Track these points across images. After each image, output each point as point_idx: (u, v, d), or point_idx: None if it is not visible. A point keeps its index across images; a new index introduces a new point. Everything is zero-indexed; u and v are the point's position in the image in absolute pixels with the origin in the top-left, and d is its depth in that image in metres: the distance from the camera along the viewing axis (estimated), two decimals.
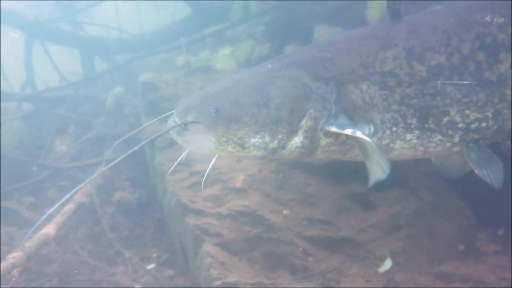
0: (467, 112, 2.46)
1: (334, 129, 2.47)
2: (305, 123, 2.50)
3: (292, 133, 2.50)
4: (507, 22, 2.44)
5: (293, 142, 2.53)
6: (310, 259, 3.28)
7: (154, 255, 4.34)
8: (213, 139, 2.45)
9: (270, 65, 2.66)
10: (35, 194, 5.57)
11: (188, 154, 4.11)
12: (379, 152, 2.34)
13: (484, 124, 2.49)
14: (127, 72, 8.20)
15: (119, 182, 5.31)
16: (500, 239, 3.45)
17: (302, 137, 2.52)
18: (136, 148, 2.24)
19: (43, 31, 8.30)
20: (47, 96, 7.56)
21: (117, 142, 2.63)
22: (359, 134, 2.36)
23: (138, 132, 5.28)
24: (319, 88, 2.53)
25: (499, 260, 3.24)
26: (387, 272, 3.15)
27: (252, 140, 2.46)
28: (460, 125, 2.49)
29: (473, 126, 2.49)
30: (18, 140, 6.77)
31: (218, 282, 3.08)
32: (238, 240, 3.38)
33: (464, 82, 2.43)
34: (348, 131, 2.40)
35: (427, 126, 2.50)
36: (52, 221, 4.42)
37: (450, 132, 2.51)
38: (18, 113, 7.58)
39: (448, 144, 2.55)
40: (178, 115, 2.50)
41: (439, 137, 2.52)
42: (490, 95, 2.43)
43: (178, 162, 2.79)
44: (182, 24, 8.35)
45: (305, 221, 3.47)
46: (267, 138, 2.47)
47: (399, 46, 2.51)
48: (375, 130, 2.53)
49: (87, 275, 4.11)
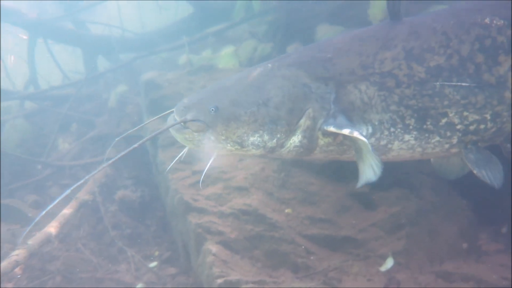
0: (465, 113, 2.45)
1: (332, 128, 2.47)
2: (303, 122, 2.51)
3: (291, 132, 2.51)
4: (507, 24, 2.44)
5: (291, 141, 2.54)
6: (312, 257, 3.29)
7: (156, 253, 4.36)
8: (212, 137, 2.46)
9: (270, 64, 2.67)
10: (38, 192, 5.60)
11: (191, 153, 4.15)
12: (374, 153, 2.34)
13: (482, 126, 2.48)
14: (130, 71, 8.21)
15: (121, 180, 5.33)
16: (502, 238, 3.45)
17: (300, 136, 2.53)
18: (136, 145, 2.25)
19: (46, 30, 8.33)
20: (49, 95, 7.58)
21: (117, 139, 2.63)
22: (356, 134, 2.36)
23: (140, 130, 5.31)
24: (319, 88, 2.54)
25: (500, 259, 3.24)
26: (388, 271, 3.16)
27: (251, 138, 2.48)
28: (458, 126, 2.49)
29: (471, 127, 2.49)
30: (20, 138, 6.80)
31: (220, 280, 3.09)
32: (240, 238, 3.39)
33: (463, 84, 2.42)
34: (345, 131, 2.40)
35: (425, 127, 2.49)
36: (55, 219, 4.45)
37: (449, 133, 2.51)
38: (20, 111, 7.61)
39: (446, 146, 2.55)
40: (178, 113, 2.51)
41: (437, 138, 2.52)
42: (489, 97, 2.43)
43: (177, 160, 2.81)
44: (184, 23, 8.36)
45: (307, 220, 3.48)
46: (266, 137, 2.48)
47: (399, 47, 2.51)
48: (373, 130, 2.53)
49: (90, 272, 4.13)
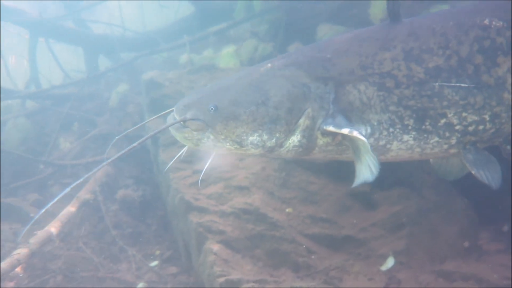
0: (464, 114, 2.46)
1: (331, 128, 2.47)
2: (303, 122, 2.51)
3: (290, 132, 2.51)
4: (506, 26, 2.44)
5: (290, 141, 2.54)
6: (313, 257, 3.29)
7: (157, 253, 4.37)
8: (211, 136, 2.47)
9: (270, 64, 2.67)
10: (39, 191, 5.61)
11: (192, 153, 4.15)
12: (373, 153, 2.34)
13: (481, 127, 2.49)
14: (131, 70, 8.22)
15: (122, 179, 5.34)
16: (502, 237, 3.45)
17: (299, 136, 2.53)
18: (136, 144, 2.25)
19: (48, 29, 8.34)
20: (51, 94, 7.58)
21: (117, 137, 2.63)
22: (355, 133, 2.36)
23: (142, 129, 5.32)
24: (318, 88, 2.54)
25: (500, 259, 3.24)
26: (389, 270, 3.16)
27: (250, 138, 2.48)
28: (457, 127, 2.49)
29: (470, 128, 2.49)
30: (22, 137, 6.80)
31: (221, 279, 3.10)
32: (241, 237, 3.40)
33: (462, 85, 2.43)
34: (345, 131, 2.40)
35: (424, 127, 2.50)
36: (56, 218, 4.46)
37: (447, 134, 2.51)
38: (22, 110, 7.61)
39: (445, 146, 2.55)
40: (177, 112, 2.51)
41: (436, 138, 2.52)
42: (487, 98, 2.43)
43: (177, 159, 2.81)
44: (185, 23, 8.37)
45: (308, 219, 3.49)
46: (265, 137, 2.48)
47: (398, 47, 2.51)
48: (372, 131, 2.54)
49: (91, 271, 4.14)
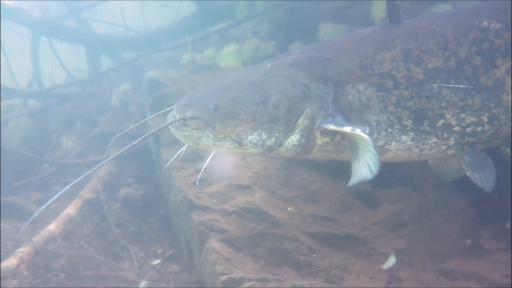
0: (462, 115, 2.47)
1: (332, 127, 2.48)
2: (302, 122, 2.53)
3: (289, 131, 2.53)
4: (504, 28, 2.45)
5: (289, 141, 2.56)
6: (315, 255, 3.30)
7: (159, 251, 4.38)
8: (211, 135, 2.49)
9: (269, 64, 2.68)
10: (42, 190, 5.63)
11: (194, 151, 4.16)
12: (375, 151, 2.35)
13: (479, 128, 2.50)
14: (133, 69, 8.21)
15: (124, 178, 5.36)
16: (503, 236, 3.46)
17: (298, 135, 2.55)
18: (136, 142, 2.26)
19: (50, 28, 8.34)
20: (53, 93, 7.59)
21: (118, 135, 2.65)
22: (358, 131, 2.37)
23: (143, 128, 5.34)
24: (317, 88, 2.55)
25: (501, 257, 3.26)
26: (390, 269, 3.17)
27: (250, 137, 2.49)
28: (455, 128, 2.50)
29: (468, 129, 2.50)
30: (24, 136, 6.82)
31: (223, 278, 3.11)
32: (243, 236, 3.41)
33: (461, 86, 2.44)
34: (347, 129, 2.41)
35: (422, 128, 2.51)
36: (58, 217, 4.48)
37: (445, 135, 2.52)
38: (24, 110, 7.63)
39: (443, 147, 2.57)
40: (177, 110, 2.54)
41: (434, 139, 2.53)
42: (486, 99, 2.44)
43: (176, 157, 2.84)
44: (187, 22, 8.37)
45: (309, 218, 3.50)
46: (264, 136, 2.50)
47: (398, 48, 2.52)
48: (371, 131, 2.55)
49: (93, 270, 4.15)
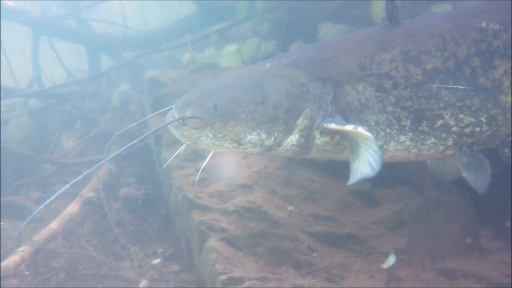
0: (461, 116, 2.48)
1: (333, 126, 2.48)
2: (301, 122, 2.53)
3: (288, 131, 2.53)
4: (502, 29, 2.46)
5: (288, 140, 2.56)
6: (315, 254, 3.31)
7: (160, 250, 4.38)
8: (210, 135, 2.49)
9: (269, 63, 2.69)
10: (42, 189, 5.63)
11: (195, 151, 4.17)
12: (378, 149, 2.34)
13: (477, 129, 2.50)
14: (133, 69, 8.22)
15: (125, 178, 5.36)
16: (503, 236, 3.47)
17: (297, 135, 2.55)
18: (135, 141, 2.26)
19: (51, 28, 8.35)
20: (53, 93, 7.60)
21: (117, 134, 2.64)
22: (360, 129, 2.37)
23: (143, 128, 5.34)
24: (317, 88, 2.55)
25: (501, 257, 3.26)
26: (390, 268, 3.18)
27: (249, 137, 2.50)
28: (453, 128, 2.51)
29: (466, 130, 2.51)
30: (25, 136, 6.82)
31: (223, 277, 3.11)
32: (243, 235, 3.41)
33: (459, 87, 2.45)
34: (348, 127, 2.41)
35: (420, 128, 2.51)
36: (59, 216, 4.49)
37: (444, 135, 2.52)
38: (25, 109, 7.63)
39: (442, 147, 2.57)
40: (177, 110, 2.53)
41: (433, 140, 2.54)
42: (484, 100, 2.45)
43: (175, 156, 2.84)
44: (187, 22, 8.38)
45: (309, 217, 3.50)
46: (263, 136, 2.50)
47: (396, 49, 2.53)
48: (370, 131, 2.52)
49: (94, 269, 4.16)
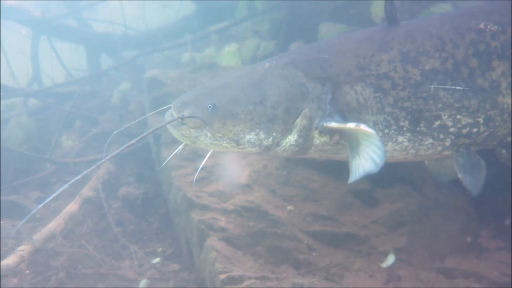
0: (458, 117, 2.48)
1: (333, 124, 2.47)
2: (299, 122, 2.53)
3: (287, 131, 2.53)
4: (500, 30, 2.47)
5: (287, 141, 2.56)
6: (314, 254, 3.31)
7: (159, 250, 4.39)
8: (208, 134, 2.49)
9: (268, 63, 2.68)
10: (42, 188, 5.63)
11: (194, 150, 4.17)
12: (381, 144, 2.33)
13: (475, 130, 2.51)
14: (133, 68, 8.23)
15: (124, 177, 5.36)
16: (502, 235, 3.47)
17: (296, 135, 2.55)
18: (134, 141, 2.27)
19: (50, 27, 8.35)
20: (53, 92, 7.60)
21: (115, 132, 2.64)
22: (363, 126, 2.36)
23: (143, 127, 5.34)
24: (315, 88, 2.55)
25: (501, 256, 3.27)
26: (390, 268, 3.18)
27: (247, 136, 2.50)
28: (451, 129, 2.51)
29: (464, 131, 2.51)
30: (25, 135, 6.81)
31: (223, 276, 3.11)
32: (243, 235, 3.42)
33: (457, 88, 2.45)
34: (351, 125, 2.40)
35: (418, 129, 2.52)
36: (59, 215, 4.49)
37: (441, 136, 2.53)
38: (24, 109, 7.63)
39: (439, 148, 2.58)
40: (175, 109, 2.53)
41: (430, 140, 2.55)
42: (482, 101, 2.46)
43: (174, 155, 2.84)
44: (187, 21, 8.38)
45: (309, 216, 3.51)
46: (262, 136, 2.50)
47: (395, 49, 2.53)
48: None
49: (93, 268, 4.15)
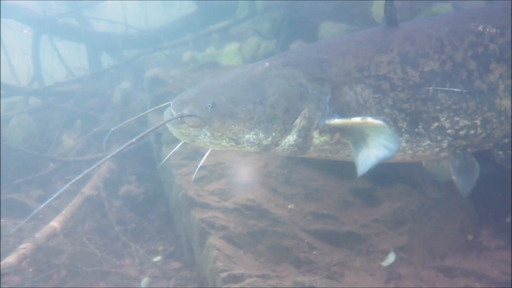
0: (456, 118, 2.49)
1: (337, 121, 2.46)
2: (299, 122, 2.54)
3: (286, 131, 2.54)
4: (499, 32, 2.48)
5: (286, 140, 2.57)
6: (315, 252, 3.32)
7: (160, 248, 4.40)
8: (208, 133, 2.49)
9: (267, 63, 2.69)
10: (43, 187, 5.64)
11: (195, 149, 4.18)
12: (391, 132, 2.32)
13: (472, 131, 2.53)
14: (134, 67, 8.23)
15: (125, 176, 5.38)
16: (503, 234, 3.48)
17: (295, 135, 2.56)
18: (134, 140, 2.27)
19: (51, 26, 8.37)
20: (54, 91, 7.62)
21: (112, 129, 2.63)
22: (370, 119, 2.34)
23: (144, 126, 5.36)
24: (315, 88, 2.56)
25: (501, 255, 3.27)
26: (390, 266, 3.19)
27: (246, 136, 2.50)
28: (449, 131, 2.52)
29: (461, 132, 2.53)
30: (26, 134, 6.82)
31: (224, 274, 3.13)
32: (244, 233, 3.43)
33: (455, 90, 2.46)
34: (356, 119, 2.38)
35: (416, 130, 2.53)
36: (60, 213, 4.51)
37: (439, 137, 2.54)
38: (25, 107, 7.63)
39: (437, 149, 2.59)
40: (174, 107, 2.53)
41: (428, 141, 2.56)
42: (479, 103, 2.47)
43: (173, 153, 2.85)
44: (188, 20, 8.39)
45: (309, 215, 3.52)
46: (261, 135, 2.51)
47: (394, 51, 2.54)
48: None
49: (95, 266, 4.17)
